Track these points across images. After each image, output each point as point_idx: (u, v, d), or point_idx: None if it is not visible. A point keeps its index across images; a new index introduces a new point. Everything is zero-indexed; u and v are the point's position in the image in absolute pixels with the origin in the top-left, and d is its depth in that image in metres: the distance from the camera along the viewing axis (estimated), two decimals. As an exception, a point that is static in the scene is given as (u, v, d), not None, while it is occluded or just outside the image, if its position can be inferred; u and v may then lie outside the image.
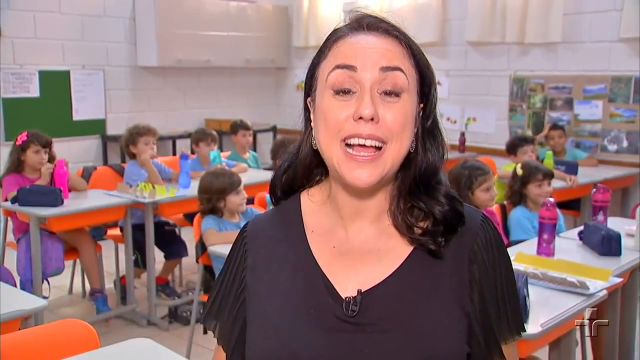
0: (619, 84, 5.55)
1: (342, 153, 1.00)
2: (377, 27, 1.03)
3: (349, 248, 1.08)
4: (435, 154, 1.08)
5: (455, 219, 1.06)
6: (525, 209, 3.60)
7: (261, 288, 1.11)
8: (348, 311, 1.02)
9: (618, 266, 2.85)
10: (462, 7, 6.31)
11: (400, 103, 1.00)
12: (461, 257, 1.06)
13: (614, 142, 5.62)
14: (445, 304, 1.03)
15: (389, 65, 0.99)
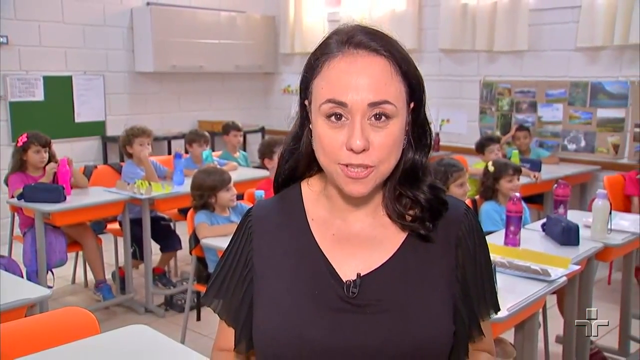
0: (577, 88, 5.60)
1: (340, 171, 1.02)
2: (367, 46, 1.02)
3: (347, 235, 1.10)
4: (422, 148, 1.10)
5: (439, 205, 1.09)
6: (494, 203, 3.62)
7: (267, 271, 1.12)
8: (349, 293, 1.05)
9: (576, 255, 2.88)
10: (435, 18, 6.32)
11: (390, 127, 1.01)
12: (449, 242, 1.09)
13: (573, 142, 5.67)
14: (436, 286, 1.07)
15: (376, 100, 1.00)
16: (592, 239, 3.09)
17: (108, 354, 1.81)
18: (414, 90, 1.06)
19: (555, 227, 3.12)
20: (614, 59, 5.39)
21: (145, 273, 4.36)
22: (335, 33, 1.06)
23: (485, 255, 1.14)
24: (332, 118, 1.02)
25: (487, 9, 5.91)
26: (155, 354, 1.83)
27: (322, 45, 1.07)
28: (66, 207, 3.89)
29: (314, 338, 1.04)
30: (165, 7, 6.64)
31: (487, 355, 1.19)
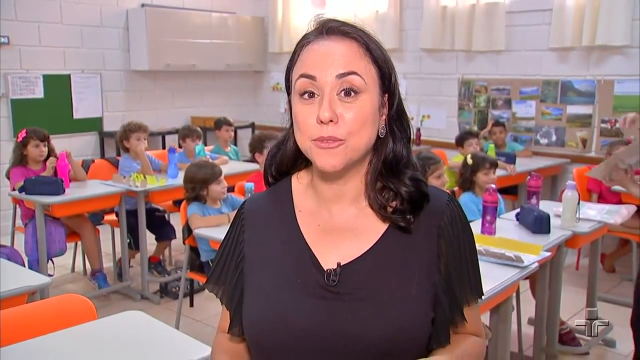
0: (548, 86, 5.63)
1: (313, 146, 1.02)
2: (337, 30, 1.04)
3: (331, 226, 1.09)
4: (402, 139, 1.09)
5: (420, 198, 1.07)
6: (472, 194, 3.63)
7: (256, 260, 1.12)
8: (329, 281, 1.05)
9: (547, 242, 2.90)
10: (417, 19, 6.33)
11: (359, 102, 1.01)
12: (430, 233, 1.07)
13: (545, 137, 5.70)
14: (414, 276, 1.05)
15: (344, 71, 1.00)
16: (562, 228, 3.12)
17: (105, 338, 1.81)
18: (384, 76, 1.05)
19: (528, 216, 3.14)
20: (582, 59, 5.43)
21: (141, 262, 4.35)
22: (312, 26, 1.08)
23: (469, 243, 1.12)
24: (305, 96, 1.02)
25: (466, 11, 5.92)
26: (150, 339, 1.83)
27: (301, 39, 1.08)
28: (65, 199, 3.87)
29: (294, 324, 1.04)
30: (159, 8, 6.62)
31: (474, 337, 1.18)
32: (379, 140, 1.06)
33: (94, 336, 1.82)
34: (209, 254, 3.36)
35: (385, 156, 1.07)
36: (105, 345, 1.77)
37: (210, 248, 3.27)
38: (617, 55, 5.20)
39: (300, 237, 1.10)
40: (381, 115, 1.06)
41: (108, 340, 1.80)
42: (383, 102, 1.06)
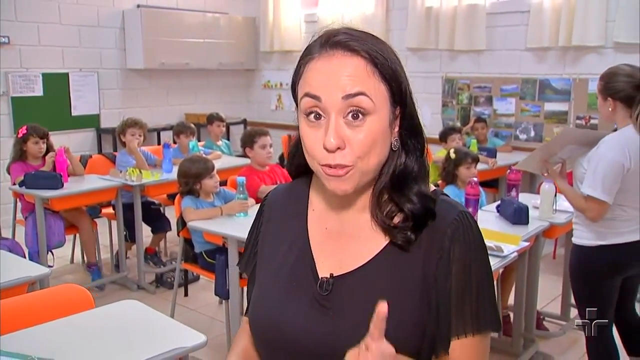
0: (527, 84, 5.65)
1: (321, 170, 0.94)
2: (343, 45, 0.93)
3: (337, 231, 1.02)
4: (413, 152, 1.00)
5: (424, 215, 0.97)
6: (455, 188, 3.63)
7: (265, 254, 1.09)
8: (322, 290, 0.98)
9: (526, 233, 2.93)
10: (402, 19, 6.33)
11: (367, 124, 0.91)
12: (431, 253, 0.96)
13: (524, 132, 5.73)
14: (408, 297, 0.95)
15: (350, 92, 0.90)
16: (540, 219, 3.14)
17: (102, 327, 1.80)
18: (394, 90, 0.95)
19: (508, 208, 3.16)
20: (558, 58, 5.46)
21: (138, 253, 4.33)
22: (319, 35, 0.98)
23: (475, 268, 0.96)
24: (311, 117, 0.93)
25: (449, 12, 5.93)
26: (146, 327, 1.83)
27: (306, 49, 0.98)
28: (64, 193, 3.86)
29: (284, 327, 0.99)
30: (154, 9, 6.57)
31: None
32: (392, 153, 0.98)
33: (92, 324, 1.82)
34: (203, 246, 3.35)
35: (394, 169, 0.98)
36: (103, 333, 1.76)
37: (204, 240, 3.26)
38: (592, 55, 5.23)
39: (306, 238, 1.04)
40: (393, 129, 0.97)
41: (105, 328, 1.79)
42: (395, 116, 0.97)
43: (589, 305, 2.55)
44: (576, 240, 2.56)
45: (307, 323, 0.98)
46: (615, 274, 2.51)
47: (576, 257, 2.58)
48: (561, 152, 2.59)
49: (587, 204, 2.41)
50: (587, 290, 2.55)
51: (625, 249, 2.45)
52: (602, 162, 2.35)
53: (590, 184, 2.38)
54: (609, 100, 2.43)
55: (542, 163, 2.63)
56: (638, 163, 2.37)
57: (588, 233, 2.49)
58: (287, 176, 3.94)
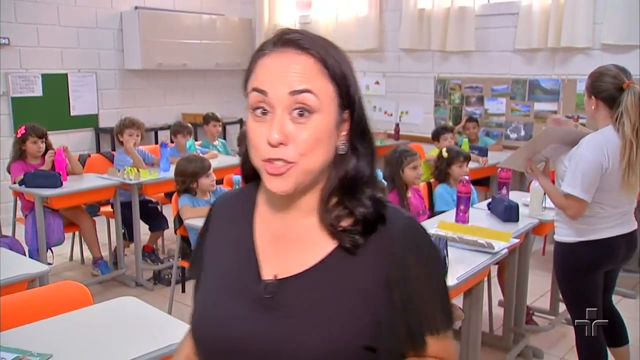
0: (517, 85, 5.67)
1: (263, 167, 0.91)
2: (294, 43, 0.91)
3: (283, 235, 0.99)
4: (364, 157, 0.97)
5: (374, 220, 0.94)
6: (447, 186, 3.65)
7: (209, 258, 1.05)
8: (265, 293, 0.95)
9: (516, 230, 2.93)
10: (396, 20, 6.34)
11: (312, 122, 0.89)
12: (381, 257, 0.93)
13: (515, 131, 5.75)
14: (352, 301, 0.92)
15: (297, 88, 0.88)
16: (530, 216, 3.15)
17: (100, 323, 1.80)
18: (342, 92, 0.93)
19: (498, 206, 3.17)
20: (548, 59, 5.48)
21: (135, 250, 4.32)
22: (273, 34, 0.96)
23: (425, 273, 0.96)
24: (258, 112, 0.91)
25: (441, 14, 5.94)
26: (143, 323, 1.83)
27: (259, 47, 0.96)
28: (63, 191, 3.85)
29: (223, 330, 0.95)
30: (152, 10, 6.56)
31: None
32: (339, 156, 0.95)
33: (90, 321, 1.81)
34: (200, 243, 3.35)
35: (345, 173, 0.95)
36: (101, 329, 1.76)
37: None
38: (580, 56, 5.26)
39: (251, 241, 1.01)
40: (340, 132, 0.94)
41: (103, 324, 1.79)
42: (343, 119, 0.94)
43: (575, 300, 2.58)
44: (558, 238, 2.59)
45: (248, 326, 0.94)
46: (596, 269, 2.54)
47: (559, 254, 2.60)
48: (545, 150, 2.61)
49: (567, 202, 2.43)
50: (572, 285, 2.57)
51: (603, 244, 2.48)
52: (582, 162, 2.37)
53: (570, 183, 2.40)
54: (592, 98, 2.45)
55: (526, 161, 2.65)
56: (617, 163, 2.39)
57: (568, 230, 2.52)
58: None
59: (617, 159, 2.38)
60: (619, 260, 2.61)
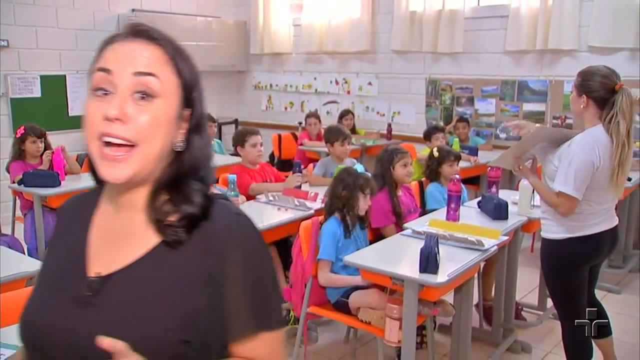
0: (506, 86, 5.69)
1: (99, 150, 0.87)
2: (145, 34, 0.91)
3: (117, 232, 0.96)
4: (199, 155, 0.95)
5: (199, 216, 0.92)
6: (438, 185, 3.65)
7: (47, 258, 1.02)
8: (87, 290, 0.91)
9: (506, 227, 2.95)
10: (388, 23, 6.34)
11: (154, 106, 0.88)
12: (202, 253, 0.91)
13: (504, 132, 5.76)
14: (170, 296, 0.90)
15: (141, 70, 0.87)
16: (519, 214, 3.16)
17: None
18: (186, 89, 0.93)
19: (488, 204, 3.18)
20: (536, 61, 5.50)
21: (134, 248, 4.31)
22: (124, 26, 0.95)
23: (243, 272, 0.92)
24: (99, 92, 0.88)
25: (432, 16, 5.94)
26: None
27: (107, 38, 0.94)
28: (61, 191, 3.83)
29: (43, 330, 0.91)
30: (149, 13, 6.54)
31: None
32: (175, 153, 0.93)
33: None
34: (197, 241, 3.35)
35: (178, 169, 0.93)
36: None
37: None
38: (567, 58, 5.29)
39: (84, 240, 0.97)
40: (179, 129, 0.92)
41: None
42: (183, 116, 0.93)
43: (562, 296, 2.60)
44: (546, 235, 2.59)
45: (66, 324, 0.90)
46: (583, 264, 2.56)
47: (547, 251, 2.61)
48: (532, 149, 2.62)
49: (559, 200, 2.44)
50: (560, 281, 2.58)
51: (591, 240, 2.51)
52: (575, 160, 2.39)
53: (563, 181, 2.41)
54: (583, 97, 2.46)
55: (514, 160, 2.66)
56: (606, 162, 2.41)
57: (558, 227, 2.53)
58: (277, 174, 3.91)
59: (606, 158, 2.40)
60: (604, 254, 2.65)
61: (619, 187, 2.46)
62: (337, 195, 2.85)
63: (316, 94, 7.10)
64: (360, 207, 2.85)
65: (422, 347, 3.09)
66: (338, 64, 6.87)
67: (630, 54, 4.96)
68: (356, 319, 2.69)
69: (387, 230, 3.20)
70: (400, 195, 3.38)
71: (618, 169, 2.40)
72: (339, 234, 2.79)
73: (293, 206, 3.34)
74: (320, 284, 2.80)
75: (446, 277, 2.26)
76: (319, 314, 2.86)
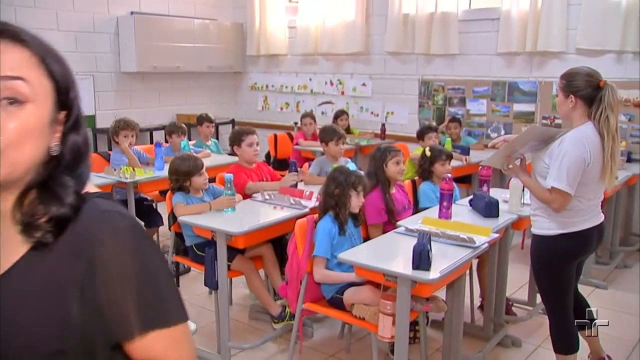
0: (497, 86, 5.70)
1: None
2: (11, 34, 0.84)
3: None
4: (76, 152, 0.88)
5: (69, 217, 0.84)
6: (430, 183, 3.65)
7: None
8: None
9: (496, 225, 2.95)
10: (382, 25, 6.34)
11: (23, 113, 0.80)
12: (72, 255, 0.83)
13: (495, 131, 5.78)
14: (42, 305, 0.83)
15: (8, 74, 0.80)
16: (509, 212, 3.17)
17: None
18: (61, 91, 0.86)
19: (480, 202, 3.18)
20: (526, 63, 5.52)
21: (132, 246, 4.29)
22: None
23: (119, 271, 0.84)
24: None
25: (425, 19, 5.95)
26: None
27: None
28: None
29: None
30: (147, 15, 6.52)
31: None
32: (51, 157, 0.85)
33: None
34: (193, 239, 3.34)
35: (50, 172, 0.86)
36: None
37: (194, 234, 3.24)
38: (555, 60, 5.30)
39: None
40: (54, 133, 0.85)
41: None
42: (58, 119, 0.86)
43: (551, 290, 2.61)
44: (537, 231, 2.60)
45: None
46: (572, 260, 2.58)
47: (538, 247, 2.62)
48: (522, 148, 2.63)
49: (552, 196, 2.45)
50: (550, 276, 2.60)
51: (582, 236, 2.52)
52: (567, 157, 2.40)
53: (556, 178, 2.42)
54: (570, 97, 2.47)
55: (505, 159, 2.66)
56: (596, 158, 2.43)
57: (550, 223, 2.54)
58: (273, 173, 3.90)
59: (596, 155, 2.42)
60: (592, 250, 2.68)
61: (612, 177, 2.49)
62: (330, 194, 2.85)
63: (311, 94, 7.10)
64: (353, 204, 2.84)
65: (415, 342, 3.10)
66: (333, 66, 6.87)
67: (616, 56, 4.99)
68: (350, 315, 2.69)
69: (373, 230, 3.20)
70: (394, 192, 3.38)
71: (611, 160, 2.43)
72: (333, 232, 2.79)
73: (289, 204, 3.33)
74: (315, 280, 2.80)
75: (438, 274, 2.26)
76: (314, 310, 2.86)
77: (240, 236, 2.89)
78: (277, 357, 3.14)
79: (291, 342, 2.97)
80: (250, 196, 3.59)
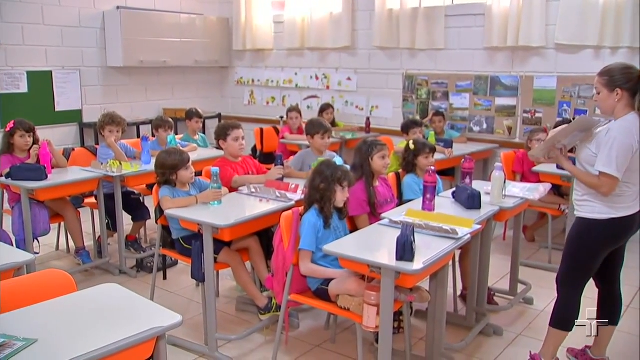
0: (480, 81, 5.72)
1: None
2: None
3: None
4: None
5: None
6: (414, 176, 3.65)
7: None
8: None
9: (479, 216, 2.96)
10: (367, 20, 6.34)
11: None
12: None
13: (477, 125, 5.81)
14: None
15: None
16: (491, 204, 3.18)
17: (84, 309, 1.78)
18: None
19: (462, 194, 3.19)
20: (507, 57, 5.54)
21: (119, 240, 4.27)
22: None
23: None
24: None
25: (409, 14, 5.96)
26: (126, 308, 1.80)
27: None
28: (48, 184, 3.77)
29: None
30: (133, 10, 6.46)
31: None
32: None
33: (74, 307, 1.79)
34: (180, 232, 3.32)
35: None
36: (85, 314, 1.74)
37: (181, 227, 3.22)
38: (536, 55, 5.33)
39: None
40: None
41: (87, 310, 1.77)
42: None
43: (578, 269, 2.66)
44: (588, 215, 2.62)
45: None
46: (614, 244, 2.65)
47: (584, 229, 2.63)
48: (566, 139, 2.67)
49: (601, 181, 2.50)
50: (584, 258, 2.64)
51: (629, 220, 2.59)
52: (616, 144, 2.45)
53: (605, 163, 2.47)
54: (616, 91, 2.52)
55: (550, 148, 2.70)
56: None
57: (602, 207, 2.57)
58: (259, 167, 3.88)
59: None
60: (630, 235, 2.70)
61: None
62: (316, 187, 2.84)
63: (297, 89, 7.08)
64: (338, 199, 2.84)
65: (399, 332, 3.11)
66: (318, 60, 6.86)
67: (594, 52, 5.02)
68: (336, 306, 2.70)
69: (360, 220, 3.20)
70: (377, 185, 3.38)
71: None
72: (318, 225, 2.79)
73: (274, 197, 3.32)
74: (301, 274, 2.80)
75: (422, 265, 2.27)
76: (300, 301, 2.86)
77: (226, 229, 2.88)
78: (263, 348, 3.14)
79: (277, 333, 2.98)
80: (236, 189, 3.58)
